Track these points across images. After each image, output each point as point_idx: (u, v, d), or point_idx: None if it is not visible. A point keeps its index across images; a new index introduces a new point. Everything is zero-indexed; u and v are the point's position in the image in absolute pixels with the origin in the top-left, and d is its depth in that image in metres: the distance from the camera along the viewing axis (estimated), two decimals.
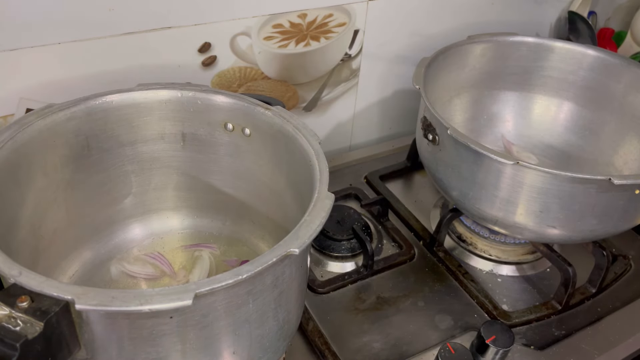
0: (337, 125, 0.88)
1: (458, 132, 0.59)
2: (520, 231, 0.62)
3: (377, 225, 0.76)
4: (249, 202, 0.62)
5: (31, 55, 0.59)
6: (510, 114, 0.84)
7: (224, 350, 0.42)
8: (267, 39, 0.73)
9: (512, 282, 0.70)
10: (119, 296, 0.34)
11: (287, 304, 0.45)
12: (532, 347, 0.61)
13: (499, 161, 0.56)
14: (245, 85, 0.75)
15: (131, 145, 0.58)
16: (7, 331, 0.33)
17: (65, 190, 0.55)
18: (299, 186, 0.53)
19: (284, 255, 0.38)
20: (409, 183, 0.85)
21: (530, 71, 0.81)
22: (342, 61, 0.82)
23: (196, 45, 0.68)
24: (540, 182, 0.56)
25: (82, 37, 0.61)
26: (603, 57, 0.76)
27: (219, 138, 0.59)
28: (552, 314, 0.65)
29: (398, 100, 0.92)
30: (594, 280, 0.68)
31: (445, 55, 0.74)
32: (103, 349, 0.38)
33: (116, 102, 0.55)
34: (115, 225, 0.62)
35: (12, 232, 0.48)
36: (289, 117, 0.54)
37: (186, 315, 0.37)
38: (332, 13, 0.75)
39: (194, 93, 0.57)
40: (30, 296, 0.34)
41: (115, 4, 0.60)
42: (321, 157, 0.49)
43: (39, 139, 0.50)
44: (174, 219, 0.65)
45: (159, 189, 0.63)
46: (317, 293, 0.65)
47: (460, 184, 0.63)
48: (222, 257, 0.63)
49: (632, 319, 0.65)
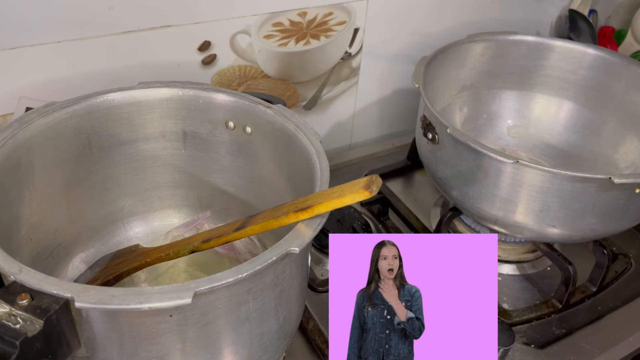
0: (337, 124, 0.88)
1: (458, 131, 0.59)
2: (520, 230, 0.62)
3: (378, 224, 0.76)
4: (250, 200, 0.62)
5: (31, 53, 0.59)
6: (510, 113, 0.84)
7: (224, 348, 0.42)
8: (267, 38, 0.73)
9: (513, 280, 0.70)
10: (118, 294, 0.34)
11: (288, 303, 0.45)
12: (533, 346, 0.61)
13: (498, 160, 0.56)
14: (245, 84, 0.75)
15: (132, 143, 0.58)
16: (7, 329, 0.33)
17: (66, 189, 0.55)
18: (299, 184, 0.53)
19: (284, 254, 0.38)
20: (409, 182, 0.85)
21: (531, 70, 0.81)
22: (342, 60, 0.81)
23: (196, 44, 0.68)
24: (540, 181, 0.56)
25: (82, 35, 0.61)
26: (603, 56, 0.76)
27: (219, 136, 0.59)
28: (552, 312, 0.65)
29: (398, 99, 0.92)
30: (594, 278, 0.68)
31: (445, 54, 0.74)
32: (103, 347, 0.38)
33: (117, 100, 0.55)
34: (116, 224, 0.62)
35: (12, 230, 0.48)
36: (290, 116, 0.54)
37: (186, 314, 0.37)
38: (332, 11, 0.75)
39: (195, 91, 0.57)
40: (30, 294, 0.34)
41: (114, 3, 0.60)
42: (322, 155, 0.49)
43: (40, 137, 0.50)
44: (175, 217, 0.65)
45: (160, 187, 0.63)
46: (317, 292, 0.65)
47: (460, 183, 0.63)
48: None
49: (633, 318, 0.65)
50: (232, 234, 0.48)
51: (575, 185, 0.55)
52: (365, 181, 0.42)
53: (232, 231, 0.47)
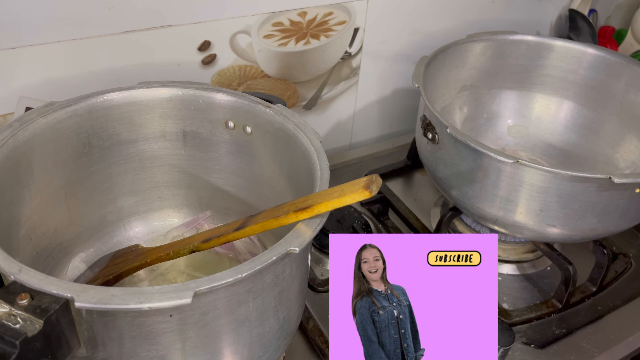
0: (337, 124, 0.88)
1: (457, 131, 0.59)
2: (520, 230, 0.62)
3: (378, 223, 0.76)
4: (250, 200, 0.62)
5: (31, 53, 0.59)
6: (510, 112, 0.84)
7: (224, 348, 0.42)
8: (267, 37, 0.73)
9: (513, 280, 0.70)
10: (118, 294, 0.34)
11: (288, 303, 0.45)
12: (533, 346, 0.61)
13: (498, 160, 0.56)
14: (245, 84, 0.75)
15: (132, 143, 0.58)
16: (6, 329, 0.33)
17: (66, 188, 0.55)
18: (299, 184, 0.53)
19: (284, 254, 0.38)
20: (409, 182, 0.85)
21: (531, 70, 0.81)
22: (342, 59, 0.81)
23: (196, 44, 0.68)
24: (540, 181, 0.56)
25: (82, 35, 0.61)
26: (603, 55, 0.76)
27: (219, 136, 0.59)
28: (552, 312, 0.65)
29: (398, 99, 0.92)
30: (594, 278, 0.68)
31: (445, 53, 0.74)
32: (103, 347, 0.38)
33: (117, 100, 0.55)
34: (116, 224, 0.62)
35: (12, 230, 0.48)
36: (290, 115, 0.54)
37: (186, 314, 0.37)
38: (332, 11, 0.75)
39: (195, 91, 0.57)
40: (30, 294, 0.34)
41: (114, 3, 0.60)
42: (322, 155, 0.49)
43: (40, 137, 0.50)
44: (175, 217, 0.65)
45: (160, 187, 0.63)
46: (317, 292, 0.65)
47: (460, 183, 0.63)
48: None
49: (633, 318, 0.65)
50: (232, 234, 0.48)
51: (575, 185, 0.55)
52: (365, 181, 0.42)
53: (232, 231, 0.47)
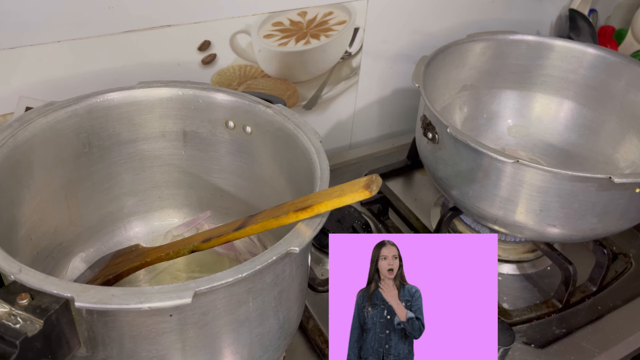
0: (337, 124, 0.88)
1: (458, 131, 0.59)
2: (520, 230, 0.62)
3: (378, 223, 0.76)
4: (250, 200, 0.62)
5: (31, 53, 0.59)
6: (510, 112, 0.84)
7: (224, 348, 0.42)
8: (267, 37, 0.73)
9: (513, 280, 0.70)
10: (118, 294, 0.34)
11: (288, 303, 0.45)
12: (533, 346, 0.61)
13: (498, 160, 0.56)
14: (245, 84, 0.75)
15: (132, 143, 0.58)
16: (7, 328, 0.33)
17: (66, 188, 0.55)
18: (299, 184, 0.53)
19: (284, 254, 0.38)
20: (409, 181, 0.85)
21: (531, 70, 0.81)
22: (342, 59, 0.81)
23: (196, 44, 0.68)
24: (540, 181, 0.56)
25: (82, 35, 0.61)
26: (603, 55, 0.76)
27: (220, 136, 0.59)
28: (552, 312, 0.65)
29: (398, 99, 0.92)
30: (594, 278, 0.68)
31: (445, 53, 0.74)
32: (103, 347, 0.38)
33: (117, 100, 0.55)
34: (116, 224, 0.62)
35: (12, 230, 0.48)
36: (290, 115, 0.54)
37: (186, 314, 0.37)
38: (332, 11, 0.75)
39: (195, 91, 0.57)
40: (30, 294, 0.34)
41: (114, 2, 0.60)
42: (322, 155, 0.49)
43: (40, 137, 0.50)
44: (175, 217, 0.65)
45: (160, 187, 0.63)
46: (317, 292, 0.65)
47: (460, 183, 0.63)
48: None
49: (633, 317, 0.65)
50: (232, 234, 0.48)
51: (575, 185, 0.55)
52: (365, 181, 0.42)
53: (232, 231, 0.47)
